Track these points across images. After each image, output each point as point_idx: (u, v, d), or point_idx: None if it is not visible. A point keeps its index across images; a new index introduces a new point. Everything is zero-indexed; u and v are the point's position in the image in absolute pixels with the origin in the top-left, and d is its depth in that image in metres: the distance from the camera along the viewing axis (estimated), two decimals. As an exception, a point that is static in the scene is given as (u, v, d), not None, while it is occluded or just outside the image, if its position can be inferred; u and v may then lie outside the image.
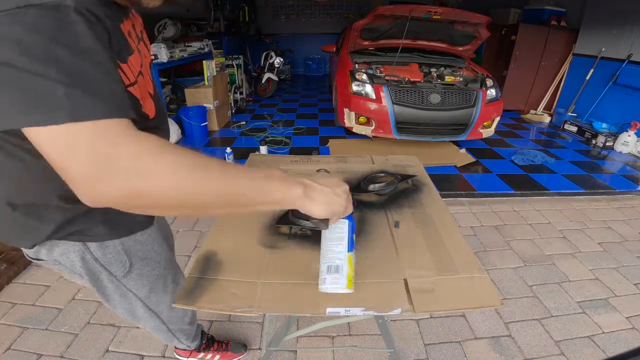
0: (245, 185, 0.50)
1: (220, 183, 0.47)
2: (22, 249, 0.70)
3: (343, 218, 0.65)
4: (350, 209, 0.65)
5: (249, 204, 0.51)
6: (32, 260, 0.74)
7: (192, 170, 0.45)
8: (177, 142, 3.58)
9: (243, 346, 1.39)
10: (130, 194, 0.43)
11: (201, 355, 1.31)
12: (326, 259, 0.64)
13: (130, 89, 0.56)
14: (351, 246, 0.65)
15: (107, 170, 0.41)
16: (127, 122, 0.44)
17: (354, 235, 0.67)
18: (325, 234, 0.66)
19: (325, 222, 0.64)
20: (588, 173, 3.15)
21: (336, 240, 0.65)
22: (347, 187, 0.64)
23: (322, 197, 0.57)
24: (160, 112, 0.73)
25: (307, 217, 0.89)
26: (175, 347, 1.31)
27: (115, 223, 0.72)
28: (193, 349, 1.27)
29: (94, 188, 0.42)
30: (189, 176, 0.45)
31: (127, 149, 0.42)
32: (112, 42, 0.50)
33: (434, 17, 3.29)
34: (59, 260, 0.71)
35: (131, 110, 0.46)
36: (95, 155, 0.41)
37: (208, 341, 1.33)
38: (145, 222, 0.79)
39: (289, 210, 0.92)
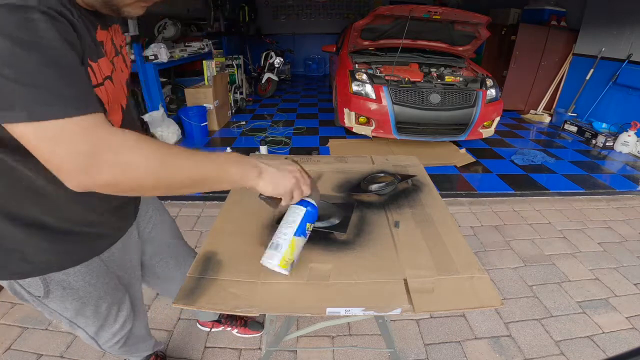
0: (210, 169, 0.57)
1: (191, 169, 0.54)
2: None
3: (302, 205, 0.71)
4: (304, 192, 0.70)
5: (213, 184, 0.59)
6: None
7: (166, 160, 0.51)
8: (177, 142, 3.58)
9: None
10: (111, 182, 0.48)
11: None
12: (274, 236, 0.70)
13: (95, 89, 0.56)
14: (300, 232, 0.70)
15: (89, 164, 0.45)
16: (101, 116, 0.47)
17: (311, 224, 0.72)
18: (285, 216, 0.72)
19: (276, 201, 0.69)
20: (588, 173, 3.15)
21: (289, 222, 0.70)
22: (295, 169, 0.68)
23: (270, 177, 0.63)
24: (131, 123, 0.74)
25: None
26: None
27: (37, 260, 0.67)
28: None
29: (78, 179, 0.46)
30: (163, 165, 0.51)
31: (107, 143, 0.46)
32: (81, 39, 0.51)
33: (434, 17, 3.29)
34: None
35: (99, 106, 0.49)
36: (76, 150, 0.44)
37: None
38: (80, 258, 0.73)
39: (289, 210, 0.92)
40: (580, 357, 1.42)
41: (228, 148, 3.02)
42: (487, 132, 3.42)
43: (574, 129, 4.25)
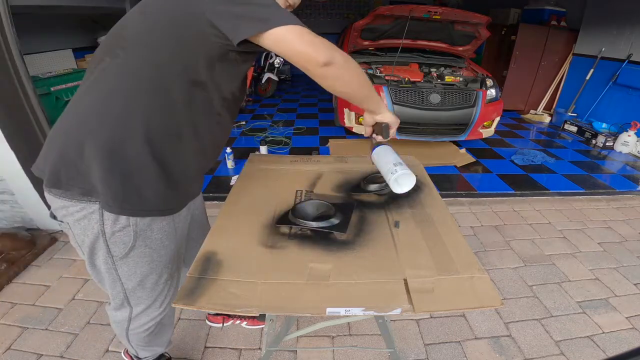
0: (374, 93, 0.85)
1: (368, 86, 0.81)
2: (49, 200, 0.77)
3: (387, 145, 0.97)
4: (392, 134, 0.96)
5: (370, 101, 0.87)
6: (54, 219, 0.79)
7: (363, 74, 0.78)
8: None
9: None
10: (339, 66, 0.69)
11: None
12: (390, 166, 0.87)
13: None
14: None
15: (331, 54, 0.68)
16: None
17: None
18: (382, 157, 0.94)
19: (387, 129, 0.95)
20: (588, 173, 3.15)
21: (390, 156, 0.92)
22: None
23: (390, 114, 0.92)
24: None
25: (306, 217, 0.89)
26: (126, 351, 1.25)
27: (140, 200, 0.75)
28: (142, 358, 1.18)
29: (314, 57, 0.67)
30: (361, 75, 0.77)
31: (335, 48, 0.70)
32: None
33: (434, 17, 3.29)
34: (71, 225, 0.77)
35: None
36: (322, 43, 0.68)
37: None
38: (167, 209, 0.81)
39: (289, 210, 0.92)
40: (580, 357, 1.42)
41: (228, 148, 3.02)
42: (487, 132, 3.42)
43: (574, 129, 4.25)
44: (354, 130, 3.40)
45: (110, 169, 0.69)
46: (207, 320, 1.51)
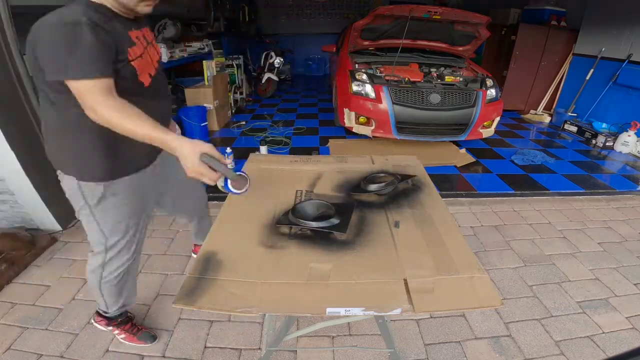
0: (145, 133, 0.87)
1: (135, 129, 0.86)
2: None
3: (225, 186, 0.90)
4: (210, 182, 0.88)
5: (153, 143, 0.88)
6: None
7: (124, 119, 0.85)
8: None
9: (152, 337, 1.43)
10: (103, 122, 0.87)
11: (111, 328, 1.40)
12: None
13: (132, 62, 0.94)
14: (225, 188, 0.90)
15: (92, 110, 0.85)
16: (98, 82, 0.83)
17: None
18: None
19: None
20: (588, 173, 3.15)
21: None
22: (194, 169, 0.86)
23: (182, 162, 0.87)
24: (157, 85, 1.07)
25: (306, 217, 0.89)
26: (96, 313, 1.40)
27: (104, 171, 1.03)
28: (110, 316, 1.37)
29: (89, 115, 0.86)
30: (122, 122, 0.85)
31: (97, 103, 0.84)
32: (116, 39, 0.89)
33: (434, 17, 3.29)
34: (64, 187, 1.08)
35: (109, 70, 0.86)
36: (86, 103, 0.85)
37: (126, 319, 1.41)
38: (129, 171, 1.08)
39: (289, 210, 0.92)
40: (580, 357, 1.42)
41: (228, 148, 3.02)
42: (487, 132, 3.42)
43: (574, 129, 4.25)
44: (354, 130, 3.40)
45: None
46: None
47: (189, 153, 0.84)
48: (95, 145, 0.99)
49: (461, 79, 3.44)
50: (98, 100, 0.83)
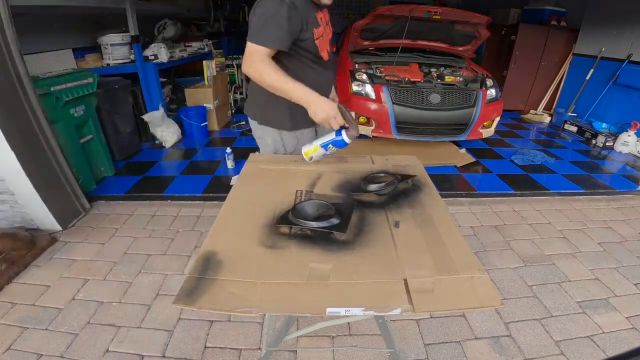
0: (287, 90, 1.15)
1: (280, 85, 1.14)
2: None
3: (335, 132, 1.14)
4: (334, 126, 1.15)
5: (288, 96, 1.17)
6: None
7: (271, 77, 1.13)
8: (177, 143, 3.58)
9: None
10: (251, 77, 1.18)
11: None
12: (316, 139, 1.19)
13: (316, 41, 1.21)
14: (323, 146, 1.16)
15: (252, 67, 1.14)
16: (265, 49, 1.11)
17: (334, 147, 1.15)
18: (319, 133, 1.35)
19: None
20: (588, 173, 3.15)
21: (321, 137, 1.18)
22: (332, 112, 1.13)
23: (313, 109, 1.15)
24: (330, 59, 1.35)
25: (306, 217, 0.89)
26: None
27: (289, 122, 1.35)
28: None
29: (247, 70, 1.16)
30: (270, 79, 1.13)
31: (257, 60, 1.12)
32: (306, 18, 1.15)
33: (434, 17, 3.29)
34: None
35: (284, 43, 1.13)
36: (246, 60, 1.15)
37: None
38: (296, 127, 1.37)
39: (289, 210, 0.92)
40: (580, 357, 1.42)
41: (228, 148, 3.02)
42: (487, 132, 3.42)
43: (574, 129, 4.25)
44: (354, 130, 3.40)
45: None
46: None
47: (324, 103, 1.12)
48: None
49: (461, 79, 3.44)
50: (258, 59, 1.10)
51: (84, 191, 2.36)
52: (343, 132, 1.12)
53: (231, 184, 2.42)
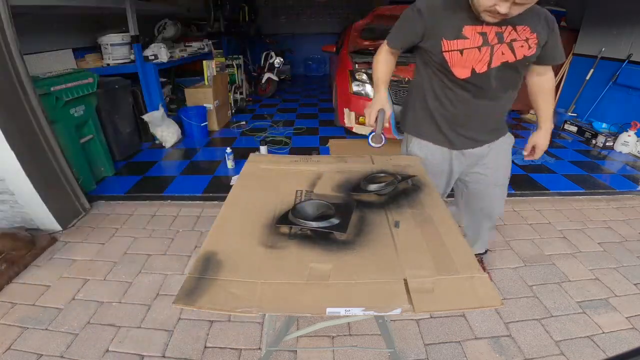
0: (374, 81, 1.32)
1: (373, 75, 1.33)
2: None
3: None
4: (366, 120, 1.25)
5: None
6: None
7: (375, 66, 1.35)
8: (177, 143, 3.58)
9: None
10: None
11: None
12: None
13: (444, 53, 1.13)
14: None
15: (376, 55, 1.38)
16: (385, 45, 1.32)
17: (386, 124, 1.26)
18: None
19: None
20: (588, 173, 3.14)
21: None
22: (377, 107, 1.22)
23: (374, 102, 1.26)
24: (478, 81, 1.17)
25: (307, 217, 0.89)
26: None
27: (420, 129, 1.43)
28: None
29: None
30: (374, 66, 1.35)
31: (379, 52, 1.36)
32: (437, 25, 1.12)
33: (434, 17, 3.28)
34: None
35: (398, 44, 1.28)
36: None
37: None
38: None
39: (289, 210, 0.92)
40: (580, 357, 1.42)
41: (228, 148, 3.02)
42: (487, 132, 3.41)
43: (574, 129, 4.24)
44: (354, 130, 3.40)
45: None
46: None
47: (375, 100, 1.22)
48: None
49: (461, 79, 3.44)
50: (380, 51, 1.33)
51: (84, 191, 2.36)
52: (371, 135, 1.25)
53: (231, 184, 2.42)
